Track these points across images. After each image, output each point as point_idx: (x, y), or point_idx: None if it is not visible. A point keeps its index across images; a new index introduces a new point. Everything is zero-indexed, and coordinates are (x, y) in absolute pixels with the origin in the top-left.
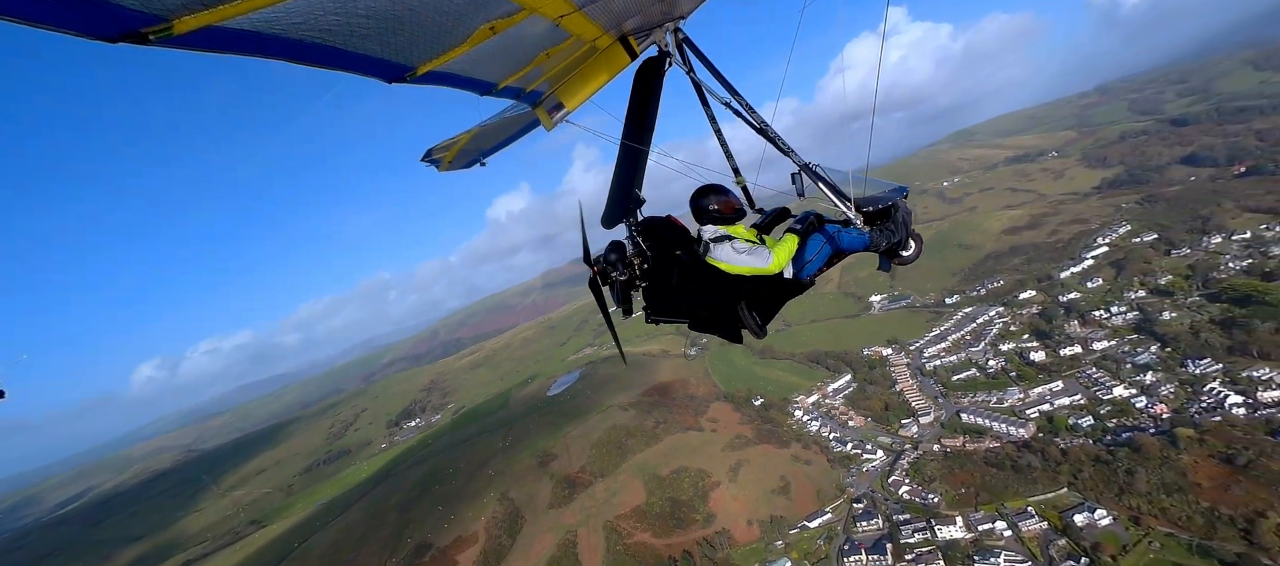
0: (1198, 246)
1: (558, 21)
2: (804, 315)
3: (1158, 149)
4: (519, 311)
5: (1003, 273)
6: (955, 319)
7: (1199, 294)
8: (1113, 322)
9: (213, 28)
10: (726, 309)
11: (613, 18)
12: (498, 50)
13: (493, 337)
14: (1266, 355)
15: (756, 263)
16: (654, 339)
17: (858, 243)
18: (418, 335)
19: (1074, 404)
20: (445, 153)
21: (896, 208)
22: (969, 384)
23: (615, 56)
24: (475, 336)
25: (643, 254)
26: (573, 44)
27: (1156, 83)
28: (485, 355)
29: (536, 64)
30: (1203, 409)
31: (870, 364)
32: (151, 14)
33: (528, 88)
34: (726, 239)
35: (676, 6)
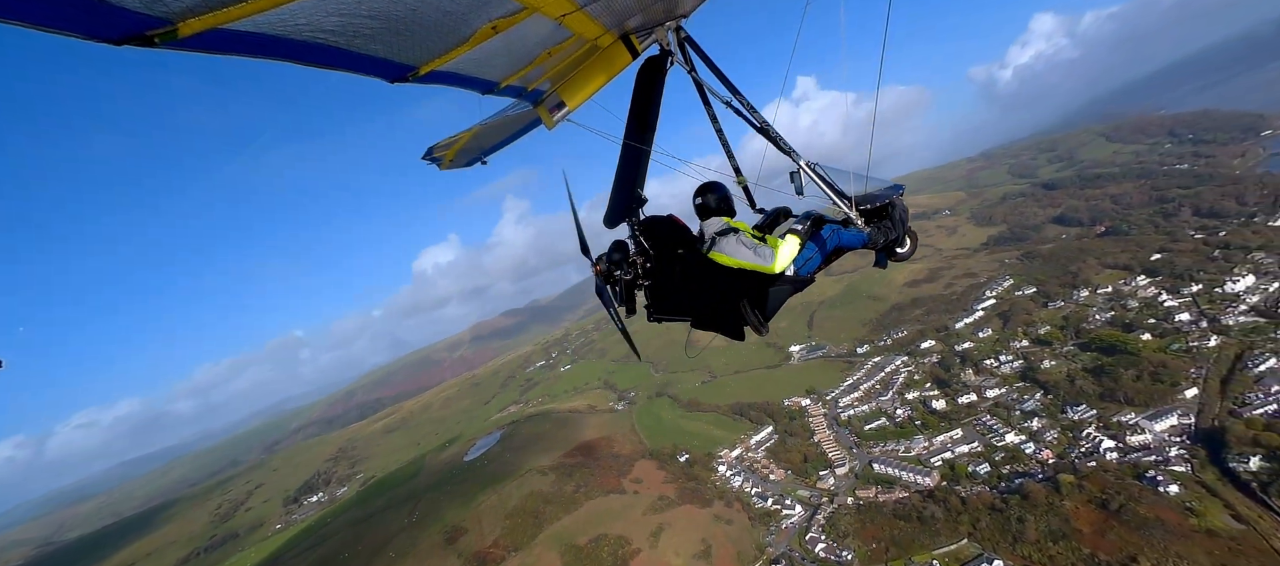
0: (1070, 299)
1: (560, 20)
2: (728, 366)
3: (1033, 209)
4: (445, 367)
5: (906, 323)
6: (866, 368)
7: (1073, 343)
8: (1002, 371)
9: (217, 30)
10: (729, 306)
11: (615, 17)
12: (500, 49)
13: (414, 396)
14: (1131, 401)
15: (760, 260)
16: (581, 394)
17: (856, 240)
18: (332, 396)
19: (972, 451)
20: (446, 151)
21: (893, 206)
22: (880, 433)
23: (617, 55)
24: (396, 395)
25: (645, 253)
26: (574, 43)
27: (1031, 150)
28: (403, 417)
29: (538, 63)
30: (1082, 454)
31: (790, 414)
32: (156, 17)
33: (529, 86)
34: (732, 232)
35: (678, 5)
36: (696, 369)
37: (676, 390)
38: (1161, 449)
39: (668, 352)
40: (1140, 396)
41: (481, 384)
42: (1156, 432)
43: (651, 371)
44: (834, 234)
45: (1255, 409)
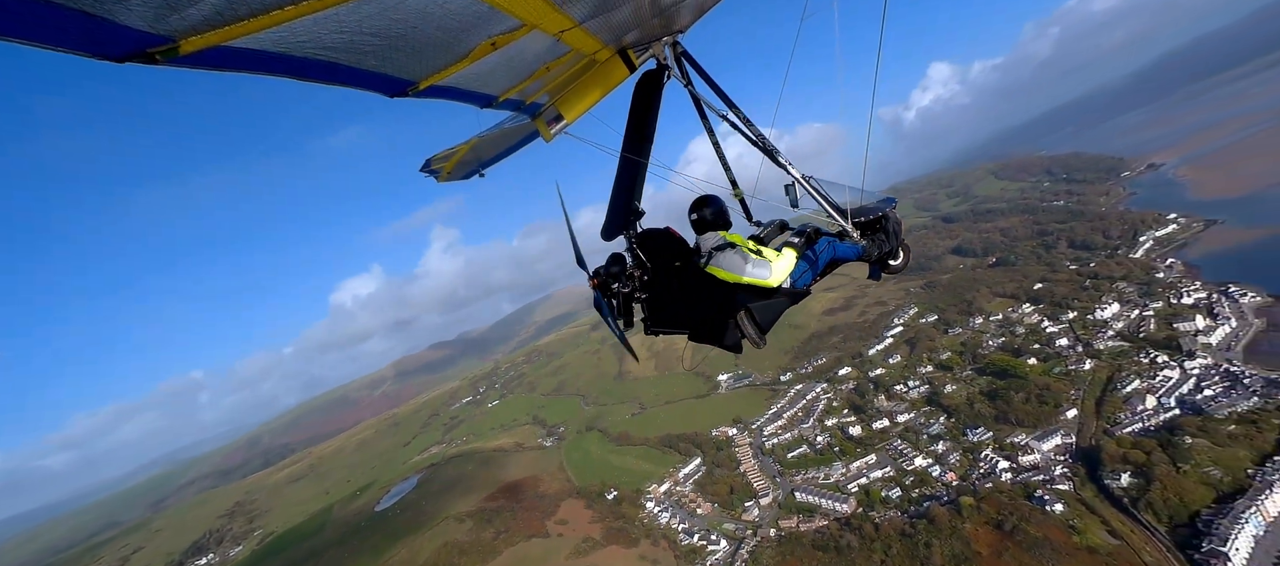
0: (967, 326)
1: (558, 36)
2: (658, 397)
3: (935, 241)
4: (364, 406)
5: (825, 350)
6: (789, 396)
7: (971, 368)
8: (911, 396)
9: (220, 48)
10: (726, 319)
11: (612, 32)
12: (499, 64)
13: (327, 440)
14: (1021, 422)
15: (758, 274)
16: (509, 431)
17: (851, 252)
18: (233, 443)
19: (885, 476)
20: (444, 163)
21: (887, 218)
22: (801, 461)
23: (614, 69)
24: (307, 439)
25: (643, 266)
26: (573, 57)
27: (932, 185)
28: (312, 464)
29: (536, 77)
30: (981, 475)
31: (718, 445)
32: (159, 35)
33: (528, 100)
34: (729, 247)
35: (675, 21)
36: (627, 400)
37: (607, 423)
38: (1048, 468)
39: (599, 385)
40: (1029, 418)
41: (402, 424)
42: (1044, 452)
43: (582, 405)
44: (829, 246)
45: (1125, 428)
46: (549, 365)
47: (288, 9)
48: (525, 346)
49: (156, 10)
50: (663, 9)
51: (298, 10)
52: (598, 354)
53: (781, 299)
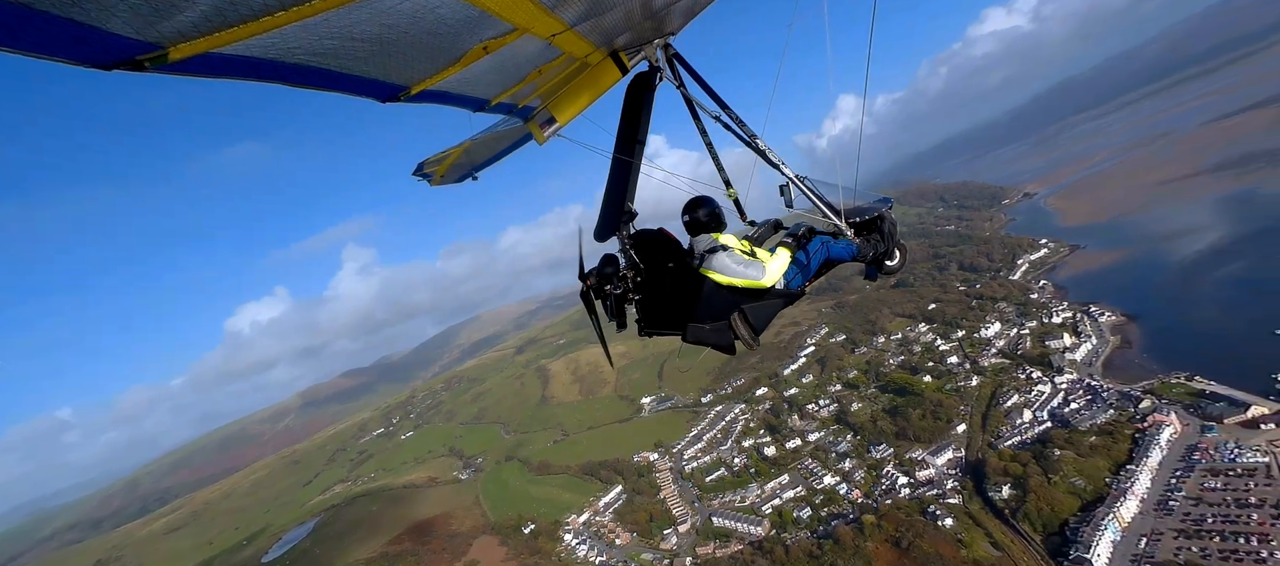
0: (871, 345)
1: (550, 40)
2: (582, 423)
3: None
4: (265, 442)
5: (744, 371)
6: (709, 417)
7: (874, 386)
8: (821, 415)
9: (209, 54)
10: (720, 320)
11: (604, 35)
12: (491, 68)
13: (217, 482)
14: (918, 438)
15: (752, 275)
16: (423, 464)
17: (846, 252)
18: (107, 489)
19: (796, 496)
20: (437, 167)
21: (882, 218)
22: (719, 484)
23: (606, 72)
24: (196, 481)
25: (636, 267)
26: (564, 61)
27: None
28: (195, 510)
29: (529, 80)
30: (882, 491)
31: (639, 471)
32: (147, 42)
33: (520, 103)
34: (722, 249)
35: (666, 23)
36: (549, 427)
37: (528, 452)
38: (941, 481)
39: (521, 411)
40: (925, 433)
41: (303, 461)
42: (938, 467)
43: (502, 433)
44: (823, 247)
45: (1007, 440)
46: (469, 392)
47: (278, 15)
48: (448, 371)
49: (145, 17)
50: (654, 12)
51: (288, 16)
52: (521, 379)
53: (775, 300)
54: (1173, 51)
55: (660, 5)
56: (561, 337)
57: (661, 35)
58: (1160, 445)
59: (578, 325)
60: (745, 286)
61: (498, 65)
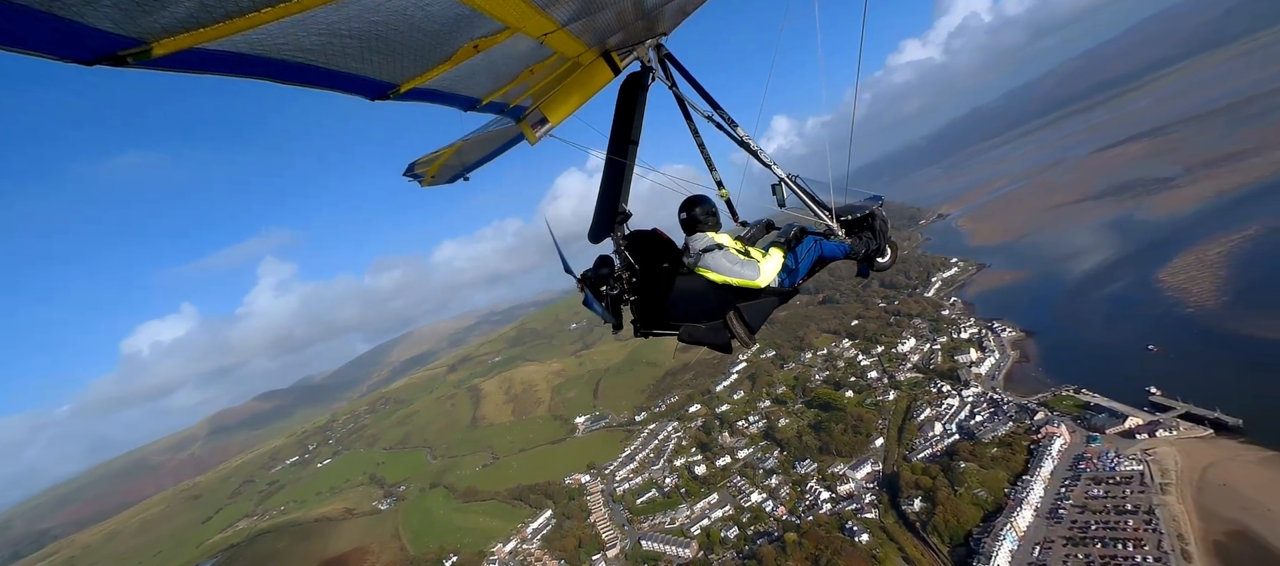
0: (798, 361)
1: (541, 39)
2: (513, 445)
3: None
4: (164, 473)
5: (678, 388)
6: (643, 436)
7: (801, 401)
8: (750, 431)
9: (193, 50)
10: (715, 319)
11: (596, 35)
12: (482, 67)
13: (102, 521)
14: (840, 452)
15: (746, 274)
16: (340, 495)
17: (838, 251)
18: None
19: (724, 515)
20: (428, 167)
21: (873, 216)
22: (650, 506)
23: (598, 72)
24: (75, 522)
25: (631, 267)
26: (556, 60)
27: None
28: (73, 555)
29: (520, 80)
30: (806, 507)
31: (570, 494)
32: (129, 37)
33: (511, 103)
34: (717, 249)
35: (658, 23)
36: (479, 450)
37: (454, 478)
38: (860, 495)
39: (450, 434)
40: (847, 447)
41: (204, 494)
42: (858, 480)
43: (428, 458)
44: (816, 245)
45: (920, 453)
46: (395, 414)
47: (264, 11)
48: (375, 391)
49: (127, 11)
50: (645, 12)
51: (274, 12)
52: (452, 399)
53: (770, 298)
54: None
55: (652, 5)
56: (497, 355)
57: (654, 35)
58: (1052, 455)
59: (514, 341)
60: (740, 285)
61: (489, 64)
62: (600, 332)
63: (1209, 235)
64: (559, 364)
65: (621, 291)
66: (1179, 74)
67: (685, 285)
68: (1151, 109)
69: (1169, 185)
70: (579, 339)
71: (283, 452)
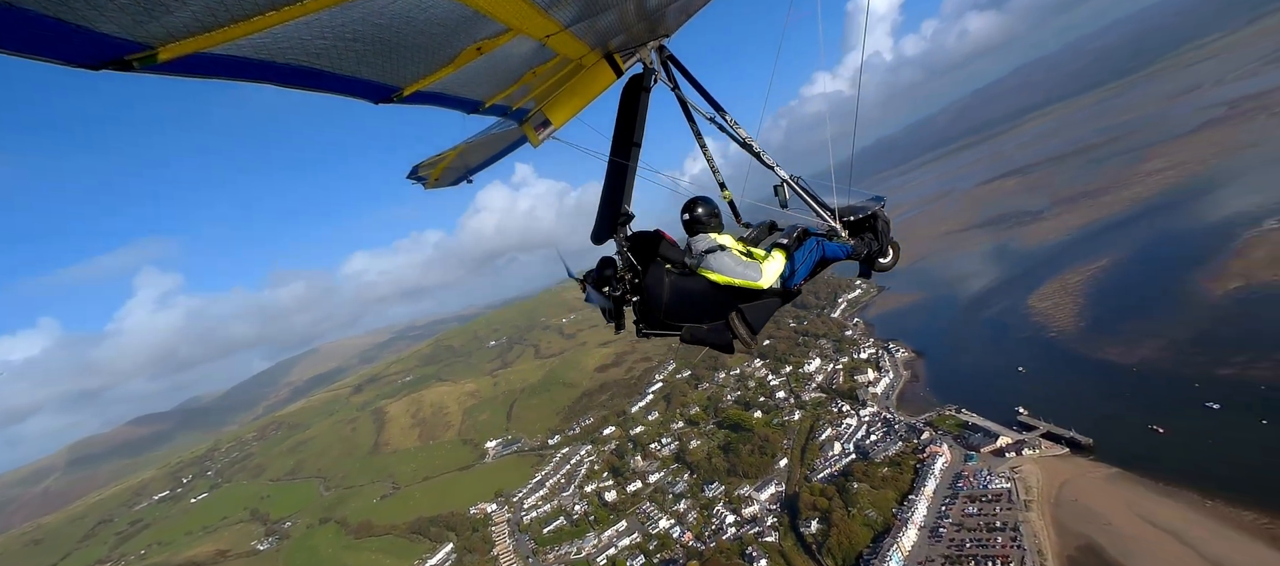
0: (712, 381)
1: (544, 41)
2: (417, 473)
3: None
4: (12, 511)
5: (594, 409)
6: (555, 461)
7: (713, 422)
8: (662, 454)
9: (199, 55)
10: (717, 320)
11: (598, 36)
12: (485, 69)
13: None
14: (747, 474)
15: (749, 275)
16: (214, 534)
17: (840, 251)
18: None
19: (632, 543)
20: (431, 170)
21: (876, 217)
22: (557, 535)
23: (601, 74)
24: None
25: (633, 268)
26: (559, 62)
27: None
28: None
29: (523, 82)
30: (712, 532)
31: (474, 525)
32: (136, 41)
33: (514, 105)
34: (720, 249)
35: (660, 25)
36: (379, 479)
37: (349, 511)
38: (763, 518)
39: (347, 462)
40: (753, 469)
41: (48, 539)
42: (762, 502)
43: (320, 490)
44: (818, 246)
45: (820, 473)
46: (288, 441)
47: (269, 15)
48: (272, 413)
49: (134, 16)
50: (648, 13)
51: (279, 16)
52: (353, 423)
53: (772, 299)
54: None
55: (654, 6)
56: (408, 374)
57: (656, 37)
58: (935, 474)
59: (428, 359)
60: (743, 286)
61: (492, 66)
62: (520, 351)
63: (1070, 265)
64: (473, 384)
65: (624, 292)
66: (1047, 116)
67: (687, 286)
68: (1025, 147)
69: (1038, 217)
70: (498, 357)
71: (151, 486)
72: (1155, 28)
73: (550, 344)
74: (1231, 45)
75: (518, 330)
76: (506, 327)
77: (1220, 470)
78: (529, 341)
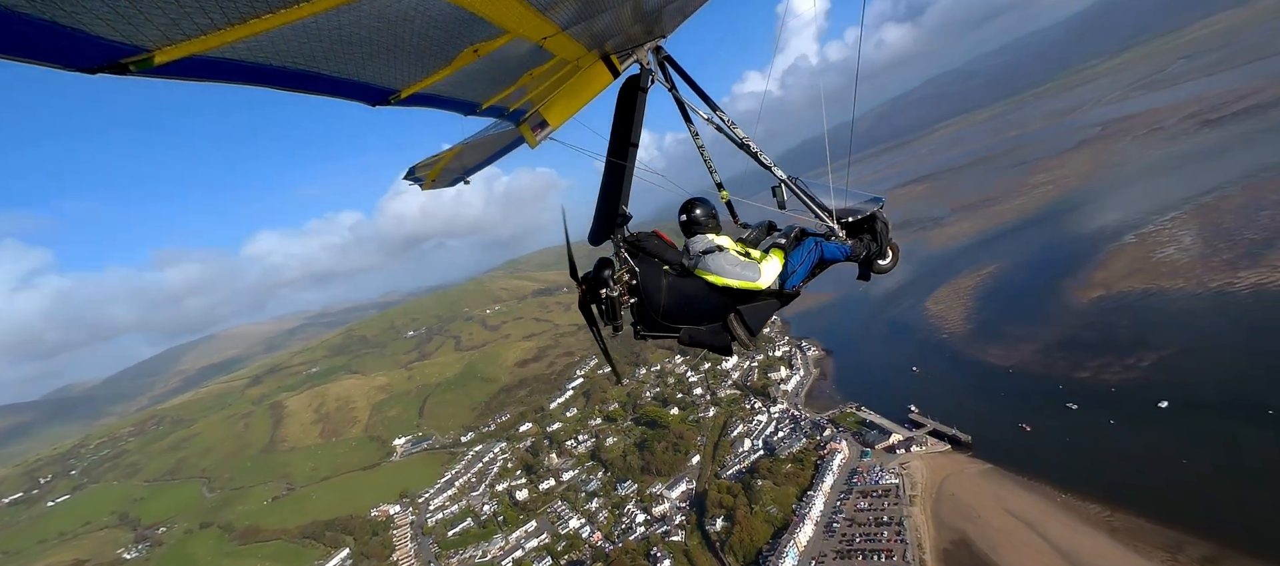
0: (633, 377)
1: (541, 43)
2: (317, 472)
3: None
4: None
5: (512, 405)
6: (466, 459)
7: (631, 419)
8: (578, 452)
9: (195, 58)
10: (715, 322)
11: (595, 38)
12: (482, 71)
13: None
14: (660, 472)
15: (746, 276)
16: (72, 541)
17: (839, 253)
18: None
19: (540, 544)
20: (428, 171)
21: (874, 218)
22: (463, 538)
23: (598, 75)
24: None
25: (631, 270)
26: (556, 64)
27: None
28: None
29: (520, 83)
30: (622, 532)
31: (374, 528)
32: (132, 45)
33: (511, 107)
34: (717, 251)
35: (657, 26)
36: (272, 479)
37: (234, 514)
38: (672, 517)
39: (237, 461)
40: (666, 467)
41: None
42: (673, 500)
43: (203, 492)
44: (816, 247)
45: (729, 470)
46: (169, 437)
47: (265, 17)
48: (157, 405)
49: (129, 20)
50: (645, 14)
51: (276, 18)
52: (247, 418)
53: (771, 300)
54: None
55: (651, 7)
56: (314, 364)
57: (652, 38)
58: (833, 470)
59: (338, 349)
60: (741, 287)
61: (489, 68)
62: (439, 342)
63: (964, 270)
64: (385, 377)
65: (621, 293)
66: (952, 127)
67: (685, 287)
68: (934, 154)
69: (940, 223)
70: (415, 348)
71: (3, 487)
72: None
73: (472, 336)
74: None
75: (439, 320)
76: (426, 317)
77: (1073, 465)
78: (450, 332)
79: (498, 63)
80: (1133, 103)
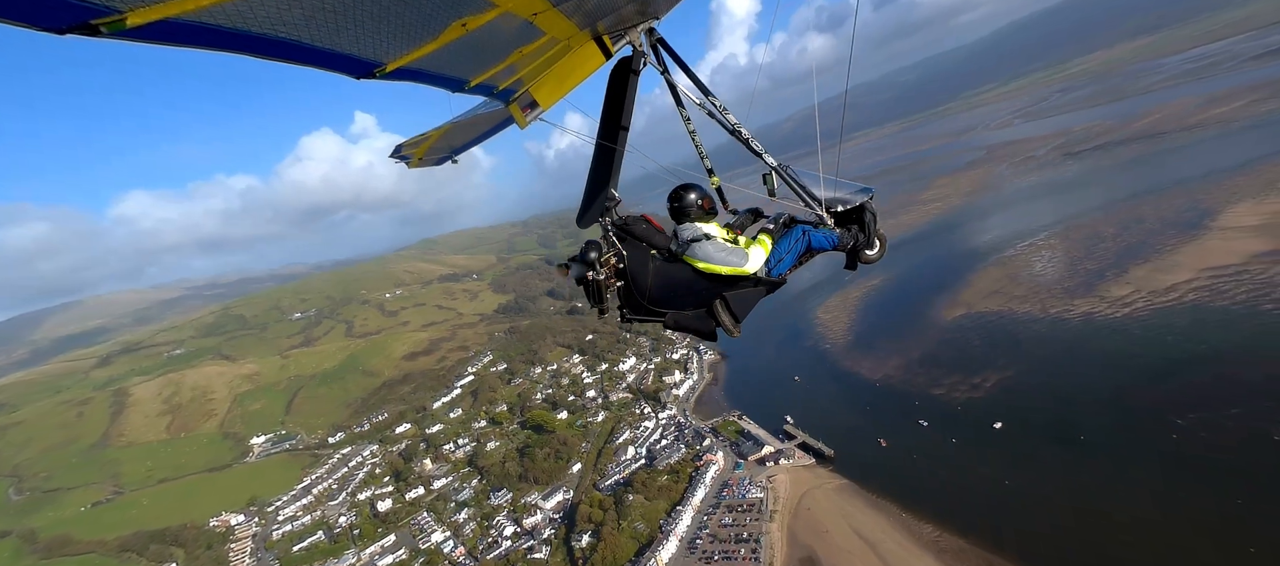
0: (527, 376)
1: (531, 19)
2: (154, 472)
3: (535, 282)
4: None
5: (392, 403)
6: (331, 462)
7: (517, 422)
8: (455, 457)
9: (168, 21)
10: (702, 307)
11: (587, 16)
12: (470, 47)
13: None
14: (538, 480)
15: (734, 262)
16: None
17: (827, 241)
18: None
19: (396, 561)
20: (415, 149)
21: (863, 209)
22: (310, 553)
23: (589, 56)
24: None
25: (619, 253)
26: (547, 42)
27: (555, 223)
28: None
29: (510, 61)
30: (487, 546)
31: (210, 541)
32: (103, 6)
33: (501, 85)
34: (705, 237)
35: (650, 7)
36: (99, 479)
37: (43, 520)
38: (542, 530)
39: (61, 456)
40: (545, 475)
41: None
42: (546, 511)
43: (10, 494)
44: (805, 236)
45: (610, 479)
46: None
47: None
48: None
49: None
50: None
51: None
52: (83, 405)
53: (758, 289)
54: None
55: None
56: (178, 345)
57: (645, 19)
58: (706, 483)
59: (209, 330)
60: (727, 274)
61: (477, 44)
62: (328, 327)
63: (853, 280)
64: (255, 364)
65: (608, 277)
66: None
67: (672, 272)
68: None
69: None
70: (300, 332)
71: None
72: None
73: (366, 321)
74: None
75: (331, 303)
76: (318, 298)
77: (917, 484)
78: (341, 317)
79: (487, 38)
80: (1014, 130)
